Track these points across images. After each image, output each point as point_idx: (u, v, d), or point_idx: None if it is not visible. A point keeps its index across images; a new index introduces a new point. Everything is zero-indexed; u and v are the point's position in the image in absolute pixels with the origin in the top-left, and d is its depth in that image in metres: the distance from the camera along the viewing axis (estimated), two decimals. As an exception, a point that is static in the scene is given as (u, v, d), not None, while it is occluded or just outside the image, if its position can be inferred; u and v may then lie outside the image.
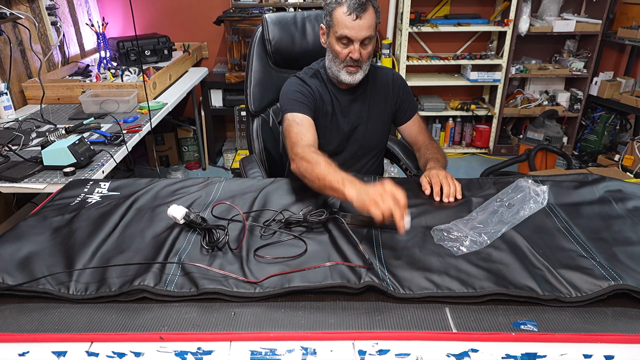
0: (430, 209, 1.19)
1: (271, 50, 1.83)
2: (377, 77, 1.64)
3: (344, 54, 1.46)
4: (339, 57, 1.48)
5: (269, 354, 0.78)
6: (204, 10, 3.50)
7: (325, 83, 1.58)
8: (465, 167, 3.71)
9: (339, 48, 1.46)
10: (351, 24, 1.40)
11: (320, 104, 1.56)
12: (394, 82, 1.66)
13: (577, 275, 0.90)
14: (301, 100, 1.50)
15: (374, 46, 1.51)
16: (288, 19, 1.84)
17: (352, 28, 1.40)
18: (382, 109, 1.65)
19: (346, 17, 1.39)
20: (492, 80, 3.60)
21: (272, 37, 1.81)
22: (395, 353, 0.78)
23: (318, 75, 1.59)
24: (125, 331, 0.81)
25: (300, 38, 1.83)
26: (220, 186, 1.34)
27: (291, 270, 0.93)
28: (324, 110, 1.57)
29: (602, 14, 3.43)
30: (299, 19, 1.85)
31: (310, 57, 1.76)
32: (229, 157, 3.63)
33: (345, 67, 1.49)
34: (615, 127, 3.66)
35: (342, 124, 1.61)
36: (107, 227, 1.10)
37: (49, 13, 2.76)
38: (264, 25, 1.81)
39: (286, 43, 1.83)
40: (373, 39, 1.47)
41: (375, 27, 1.46)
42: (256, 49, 1.83)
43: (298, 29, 1.84)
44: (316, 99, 1.55)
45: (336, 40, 1.45)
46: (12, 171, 1.67)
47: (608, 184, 1.30)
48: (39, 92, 2.44)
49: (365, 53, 1.47)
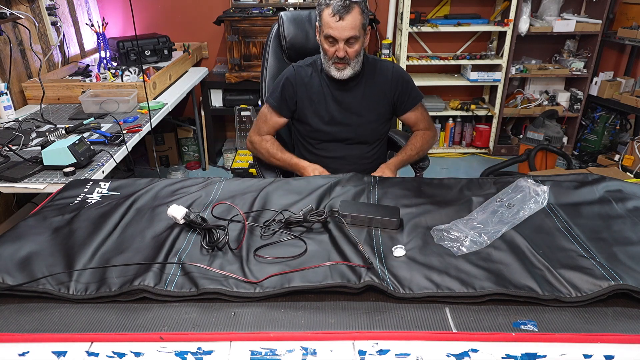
0: (430, 209, 1.19)
1: (286, 46, 1.97)
2: (377, 71, 1.72)
3: (331, 52, 1.59)
4: (328, 55, 1.61)
5: (269, 354, 0.78)
6: (204, 10, 3.50)
7: (318, 72, 1.72)
8: (465, 167, 3.71)
9: (326, 46, 1.59)
10: (335, 24, 1.51)
11: (303, 92, 1.71)
12: (393, 75, 1.73)
13: (577, 275, 0.90)
14: (281, 98, 1.71)
15: (363, 43, 1.60)
16: (303, 16, 1.98)
17: (335, 29, 1.51)
18: (378, 101, 1.73)
19: (331, 19, 1.51)
20: (492, 80, 3.60)
21: (287, 34, 1.96)
22: (395, 353, 0.78)
23: (314, 65, 1.73)
24: (125, 331, 0.81)
25: (313, 35, 1.95)
26: (220, 186, 1.34)
27: (291, 270, 0.93)
28: (309, 97, 1.71)
29: (602, 14, 3.42)
30: (313, 17, 1.97)
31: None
32: (229, 157, 3.63)
33: (333, 64, 1.62)
34: (615, 127, 3.66)
35: (332, 110, 1.72)
36: (107, 227, 1.10)
37: (49, 13, 2.76)
38: (280, 22, 1.96)
39: (300, 39, 1.97)
40: (360, 38, 1.56)
41: (360, 26, 1.54)
42: (272, 44, 1.98)
43: (312, 26, 1.96)
44: (297, 91, 1.71)
45: (324, 39, 1.58)
46: (12, 171, 1.67)
47: (608, 184, 1.30)
48: (39, 92, 2.44)
49: (352, 51, 1.57)
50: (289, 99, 1.72)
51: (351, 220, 1.11)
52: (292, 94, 1.71)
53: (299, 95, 1.71)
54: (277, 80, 1.75)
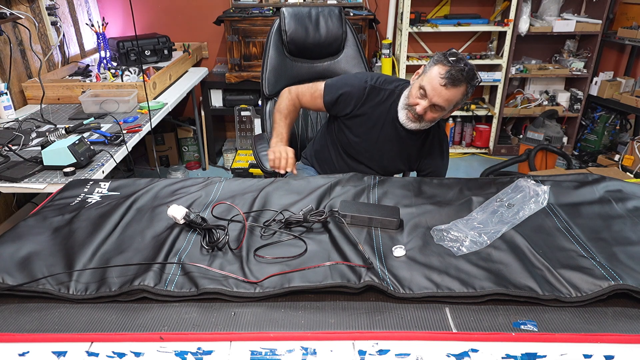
0: (430, 209, 1.19)
1: (287, 40, 2.02)
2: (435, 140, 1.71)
3: (414, 102, 1.53)
4: (409, 100, 1.55)
5: (269, 354, 0.78)
6: (204, 10, 3.50)
7: (390, 103, 1.64)
8: (465, 167, 3.71)
9: (414, 93, 1.53)
10: (437, 86, 1.45)
11: (365, 110, 1.64)
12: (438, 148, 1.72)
13: (577, 275, 0.90)
14: (343, 88, 1.64)
15: (444, 116, 1.56)
16: (304, 12, 2.02)
17: (434, 89, 1.46)
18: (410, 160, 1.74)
19: (437, 78, 1.45)
20: (492, 80, 3.60)
21: (288, 29, 2.01)
22: (395, 353, 0.78)
23: (393, 94, 1.64)
24: (125, 331, 0.81)
25: (313, 31, 2.01)
26: (220, 186, 1.34)
27: (291, 270, 0.93)
28: (369, 116, 1.65)
29: (602, 14, 3.42)
30: (313, 14, 2.03)
31: (322, 48, 2.04)
32: (229, 157, 3.63)
33: (408, 112, 1.57)
34: (615, 127, 3.66)
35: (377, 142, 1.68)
36: (107, 227, 1.10)
37: (49, 13, 2.75)
38: (282, 17, 2.01)
39: (300, 35, 2.02)
40: (445, 111, 1.52)
41: (456, 103, 1.50)
42: (273, 38, 2.03)
43: (312, 22, 2.01)
44: (356, 103, 1.64)
45: (418, 86, 1.51)
46: (12, 171, 1.67)
47: (608, 184, 1.30)
48: (39, 92, 2.44)
49: (431, 117, 1.53)
50: (342, 105, 1.66)
51: (351, 220, 1.11)
52: (347, 105, 1.65)
53: (356, 112, 1.65)
54: (352, 80, 1.67)
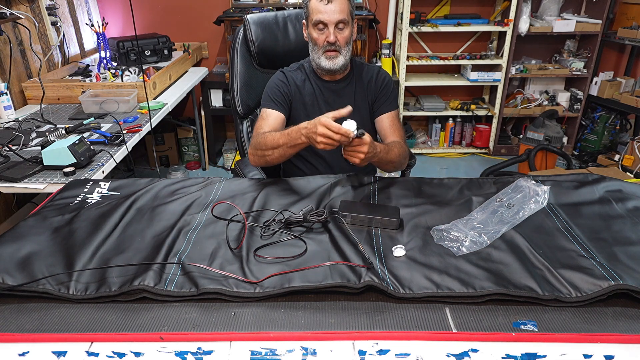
0: (430, 209, 1.19)
1: (255, 51, 1.83)
2: (363, 73, 1.71)
3: (321, 39, 1.55)
4: (318, 44, 1.57)
5: (269, 354, 0.78)
6: (204, 10, 3.50)
7: (308, 75, 1.67)
8: (465, 167, 3.71)
9: (315, 34, 1.56)
10: (323, 8, 1.51)
11: (297, 95, 1.65)
12: (377, 77, 1.71)
13: (577, 275, 0.90)
14: (275, 96, 1.62)
15: (352, 32, 1.59)
16: (270, 19, 1.85)
17: (324, 12, 1.51)
18: (364, 103, 1.71)
19: (319, 4, 1.51)
20: (492, 80, 3.60)
21: (255, 38, 1.81)
22: (395, 353, 0.78)
23: (302, 69, 1.69)
24: (125, 331, 0.81)
25: (283, 38, 1.86)
26: (220, 186, 1.34)
27: (291, 270, 0.93)
28: (303, 101, 1.66)
29: (602, 14, 3.42)
30: (280, 19, 1.87)
31: (294, 56, 1.78)
32: (229, 157, 3.63)
33: (324, 53, 1.57)
34: (615, 127, 3.66)
35: (316, 108, 1.66)
36: (107, 227, 1.10)
37: (49, 13, 2.76)
38: (246, 26, 1.81)
39: (270, 43, 1.84)
40: (349, 24, 1.55)
41: (348, 12, 1.54)
42: (239, 51, 1.83)
43: (280, 28, 1.86)
44: (292, 91, 1.65)
45: (313, 27, 1.56)
46: (12, 171, 1.67)
47: (608, 184, 1.30)
48: (39, 92, 2.44)
49: (342, 37, 1.55)
50: (286, 96, 1.66)
51: (351, 220, 1.11)
52: (288, 93, 1.67)
53: (293, 96, 1.67)
54: (270, 85, 1.66)
